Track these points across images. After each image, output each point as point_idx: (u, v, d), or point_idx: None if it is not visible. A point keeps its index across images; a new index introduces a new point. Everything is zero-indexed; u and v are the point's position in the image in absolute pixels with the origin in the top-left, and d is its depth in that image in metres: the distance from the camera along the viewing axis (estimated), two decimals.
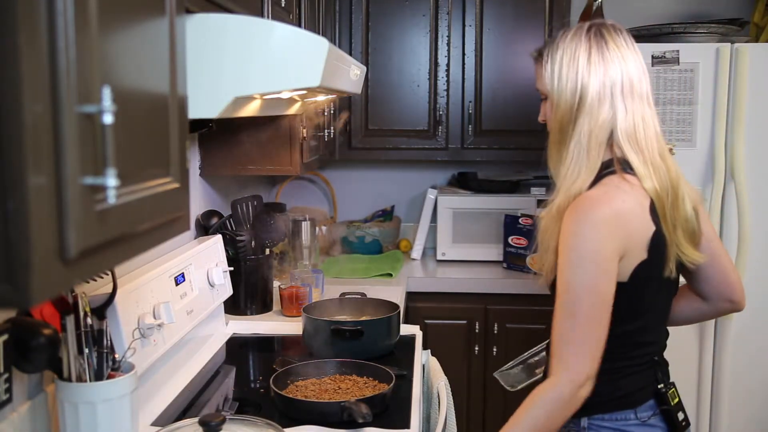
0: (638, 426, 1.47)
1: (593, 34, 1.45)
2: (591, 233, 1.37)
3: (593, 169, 1.43)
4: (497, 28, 3.19)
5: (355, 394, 1.69)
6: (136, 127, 0.87)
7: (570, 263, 1.38)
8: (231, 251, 2.38)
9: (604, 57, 1.43)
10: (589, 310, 1.36)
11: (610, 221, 1.37)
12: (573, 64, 1.43)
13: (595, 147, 1.43)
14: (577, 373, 1.36)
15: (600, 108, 1.42)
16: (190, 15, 1.19)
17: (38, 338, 1.23)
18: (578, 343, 1.36)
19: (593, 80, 1.42)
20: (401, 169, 3.61)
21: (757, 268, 2.70)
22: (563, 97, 1.45)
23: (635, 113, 1.43)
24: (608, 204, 1.39)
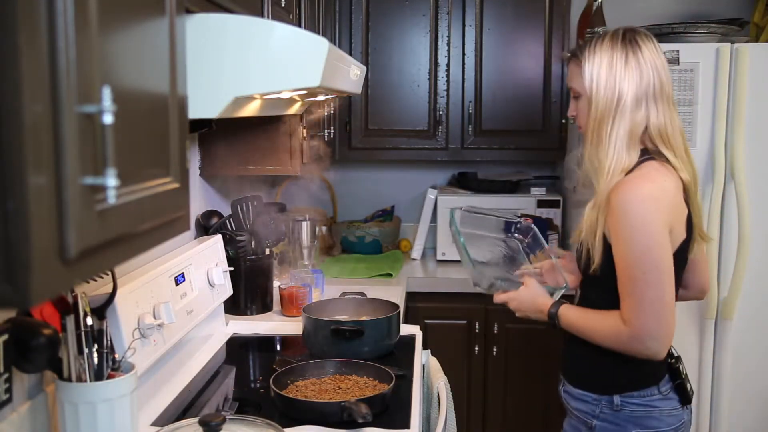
0: (661, 400, 1.63)
1: (628, 41, 1.58)
2: (639, 208, 1.50)
3: (632, 162, 1.57)
4: (497, 28, 3.19)
5: (355, 394, 1.69)
6: (136, 127, 0.87)
7: (624, 240, 1.52)
8: (231, 251, 2.38)
9: (639, 63, 1.57)
10: (652, 278, 1.50)
11: (656, 196, 1.52)
12: (612, 69, 1.57)
13: (634, 144, 1.58)
14: (638, 330, 1.52)
15: (637, 109, 1.56)
16: (190, 15, 1.19)
17: (38, 338, 1.23)
18: (642, 304, 1.51)
19: (630, 84, 1.56)
20: (401, 169, 3.61)
21: (757, 268, 2.70)
22: (602, 99, 1.58)
23: (665, 114, 1.58)
24: (651, 181, 1.53)
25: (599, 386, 1.66)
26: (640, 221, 1.50)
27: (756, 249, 2.67)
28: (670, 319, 1.54)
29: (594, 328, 1.61)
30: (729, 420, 2.78)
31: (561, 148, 3.26)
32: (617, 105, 1.56)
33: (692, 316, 2.76)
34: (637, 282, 1.51)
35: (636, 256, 1.51)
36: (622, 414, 1.63)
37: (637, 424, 1.62)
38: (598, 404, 1.65)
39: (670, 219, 1.54)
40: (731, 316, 2.71)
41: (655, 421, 1.62)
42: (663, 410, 1.63)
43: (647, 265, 1.50)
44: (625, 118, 1.56)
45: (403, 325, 2.17)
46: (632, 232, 1.51)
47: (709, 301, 2.70)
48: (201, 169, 2.47)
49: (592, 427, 1.66)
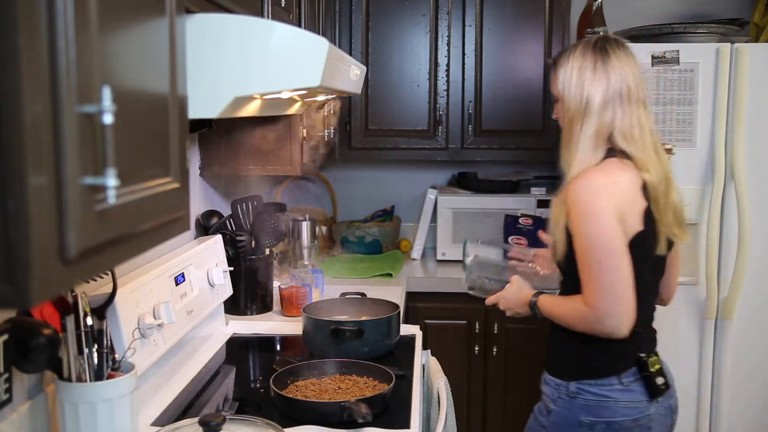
0: (621, 391, 1.68)
1: (599, 49, 1.71)
2: (588, 198, 1.63)
3: (597, 160, 1.69)
4: (497, 28, 3.19)
5: (355, 394, 1.69)
6: (136, 127, 0.87)
7: (577, 228, 1.64)
8: (231, 251, 2.38)
9: (606, 69, 1.69)
10: (605, 262, 1.60)
11: (605, 187, 1.63)
12: (581, 76, 1.70)
13: (600, 143, 1.69)
14: (598, 310, 1.61)
15: (603, 112, 1.68)
16: (190, 15, 1.19)
17: (38, 338, 1.23)
18: (598, 287, 1.61)
19: (598, 89, 1.68)
20: (401, 169, 3.61)
21: (757, 268, 2.70)
22: (573, 103, 1.71)
23: (632, 116, 1.69)
24: (605, 175, 1.66)
25: (561, 372, 1.74)
26: (589, 210, 1.62)
27: (756, 249, 2.68)
28: (626, 298, 1.61)
29: (563, 313, 1.71)
30: (729, 420, 2.78)
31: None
32: (586, 108, 1.69)
33: (692, 316, 2.76)
34: (593, 266, 1.61)
35: (589, 242, 1.62)
36: (576, 401, 1.70)
37: (588, 412, 1.68)
38: (558, 390, 1.73)
39: (620, 209, 1.63)
40: (731, 316, 2.71)
41: (608, 411, 1.67)
42: (619, 401, 1.68)
43: (600, 250, 1.61)
44: (592, 120, 1.68)
45: (403, 325, 2.17)
46: (583, 221, 1.63)
47: (709, 301, 2.70)
48: (201, 169, 2.47)
49: (549, 411, 1.75)
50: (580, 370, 1.70)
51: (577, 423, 1.69)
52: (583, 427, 1.69)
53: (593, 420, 1.68)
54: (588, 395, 1.69)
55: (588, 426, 1.68)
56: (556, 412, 1.73)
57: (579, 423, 1.69)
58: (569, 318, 1.69)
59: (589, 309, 1.62)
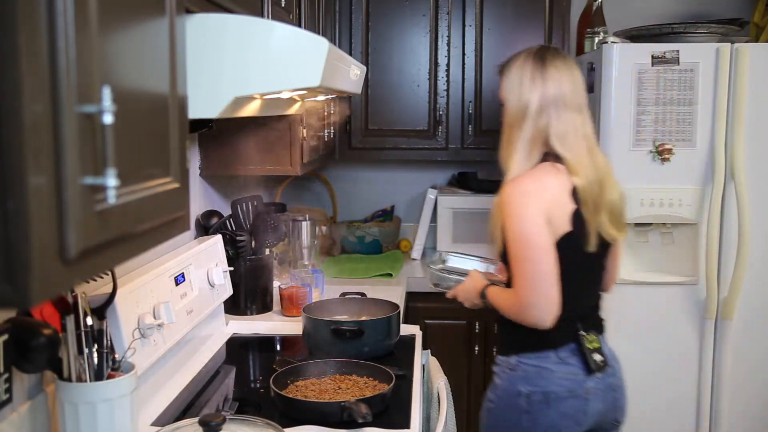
0: (557, 363, 1.80)
1: (538, 58, 1.83)
2: (517, 200, 1.76)
3: (533, 162, 1.81)
4: (497, 28, 3.19)
5: (355, 394, 1.69)
6: (136, 127, 0.87)
7: (507, 227, 1.77)
8: (231, 251, 2.38)
9: (544, 77, 1.80)
10: (528, 256, 1.73)
11: (536, 190, 1.76)
12: (520, 83, 1.82)
13: (536, 146, 1.81)
14: (522, 301, 1.75)
15: (539, 117, 1.79)
16: (190, 15, 1.19)
17: (38, 338, 1.23)
18: (522, 279, 1.75)
19: (534, 96, 1.80)
20: (401, 169, 3.61)
21: (757, 268, 2.70)
22: (512, 108, 1.84)
23: (567, 121, 1.80)
24: (535, 179, 1.78)
25: (506, 349, 1.87)
26: (518, 211, 1.75)
27: (756, 249, 2.67)
28: (548, 291, 1.73)
29: (500, 303, 1.86)
30: (729, 420, 2.78)
31: None
32: (523, 113, 1.81)
33: (692, 316, 2.76)
34: (519, 261, 1.75)
35: (515, 239, 1.75)
36: (515, 373, 1.82)
37: (527, 382, 1.80)
38: (502, 366, 1.86)
39: (548, 211, 1.75)
40: (731, 316, 2.71)
41: (544, 380, 1.79)
42: (555, 372, 1.80)
43: (525, 246, 1.74)
44: (528, 125, 1.80)
45: (403, 325, 2.17)
46: (512, 220, 1.76)
47: (709, 301, 2.70)
48: (201, 169, 2.47)
49: (496, 386, 1.87)
50: (520, 344, 1.83)
51: (516, 393, 1.81)
52: (521, 396, 1.80)
53: (531, 389, 1.79)
54: (526, 366, 1.81)
55: (526, 395, 1.80)
56: (499, 385, 1.85)
57: (518, 393, 1.80)
58: (504, 307, 1.83)
59: (517, 299, 1.76)
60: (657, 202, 2.70)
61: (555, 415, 1.79)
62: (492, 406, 1.86)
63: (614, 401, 1.89)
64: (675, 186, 2.69)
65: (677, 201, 2.69)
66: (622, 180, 2.72)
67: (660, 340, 2.77)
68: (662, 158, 2.68)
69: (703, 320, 2.75)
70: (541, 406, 1.79)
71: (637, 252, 2.81)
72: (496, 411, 1.86)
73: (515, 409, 1.81)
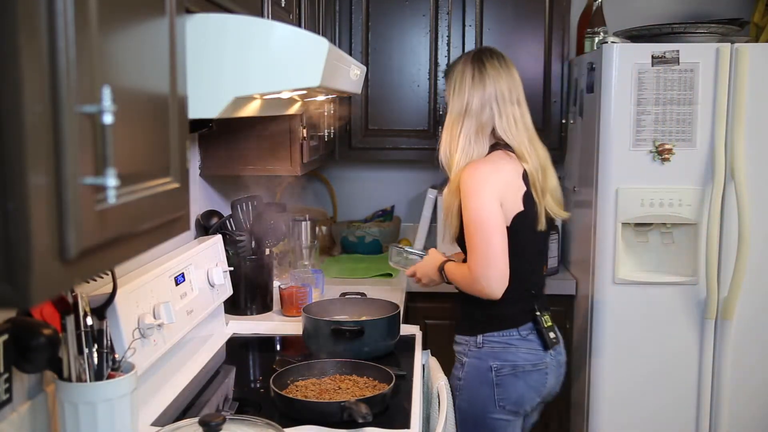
0: (519, 340, 2.02)
1: (476, 60, 2.06)
2: (472, 181, 1.95)
3: (481, 152, 2.03)
4: (497, 28, 3.19)
5: (355, 394, 1.69)
6: (136, 127, 0.87)
7: (464, 206, 1.96)
8: (231, 251, 2.38)
9: (483, 78, 2.03)
10: (481, 233, 1.93)
11: (491, 173, 1.97)
12: (462, 84, 2.05)
13: (481, 138, 2.03)
14: (475, 274, 1.94)
15: (482, 113, 2.02)
16: (190, 15, 1.19)
17: (38, 338, 1.23)
18: (475, 253, 1.94)
19: (476, 95, 2.03)
20: (401, 169, 3.61)
21: (757, 268, 2.70)
22: (456, 108, 2.05)
23: (509, 114, 2.03)
24: (489, 164, 2.00)
25: (468, 329, 2.06)
26: (473, 191, 1.94)
27: (756, 249, 2.67)
28: (499, 265, 1.93)
29: (456, 277, 2.05)
30: (729, 420, 2.78)
31: (561, 148, 3.26)
32: (465, 110, 2.03)
33: (692, 316, 2.76)
34: (473, 237, 1.94)
35: (471, 217, 1.94)
36: (483, 350, 2.02)
37: (496, 357, 2.01)
38: (468, 344, 2.05)
39: (501, 192, 1.96)
40: (731, 316, 2.71)
41: (511, 355, 2.01)
42: (520, 348, 2.02)
43: (478, 224, 1.93)
44: (472, 120, 2.02)
45: (403, 325, 2.17)
46: (467, 200, 1.95)
47: (709, 301, 2.70)
48: (201, 169, 2.47)
49: (463, 364, 2.05)
50: (484, 325, 2.03)
51: (487, 368, 2.01)
52: (492, 371, 2.00)
53: (501, 363, 2.00)
54: (493, 344, 2.02)
55: (496, 369, 2.00)
56: (468, 363, 2.04)
57: (489, 368, 2.01)
58: (460, 280, 2.02)
59: (470, 272, 1.95)
60: (657, 202, 2.70)
61: (522, 386, 2.01)
62: (462, 384, 2.04)
63: (561, 376, 2.14)
64: (675, 186, 2.69)
65: (677, 201, 2.69)
66: (622, 180, 2.73)
67: (660, 340, 2.77)
68: (662, 158, 2.68)
69: (703, 320, 2.75)
70: (510, 379, 2.00)
71: (637, 252, 2.81)
72: (467, 387, 2.03)
73: (486, 384, 2.00)
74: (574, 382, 3.03)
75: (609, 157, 2.72)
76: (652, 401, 2.80)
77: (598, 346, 2.80)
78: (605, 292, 2.77)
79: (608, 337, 2.79)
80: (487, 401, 2.00)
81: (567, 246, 3.28)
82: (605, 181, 2.73)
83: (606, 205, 2.74)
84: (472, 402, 2.02)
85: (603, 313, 2.78)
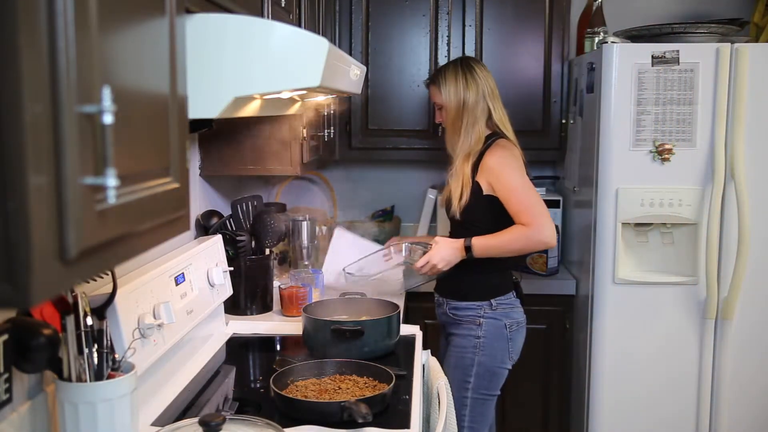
0: (515, 300, 2.46)
1: (465, 66, 2.43)
2: (509, 159, 2.35)
3: (480, 141, 2.39)
4: (497, 28, 3.19)
5: (355, 394, 1.69)
6: (136, 127, 0.87)
7: (508, 178, 2.33)
8: (231, 251, 2.38)
9: (474, 78, 2.40)
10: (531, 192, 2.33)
11: (513, 153, 2.38)
12: (457, 87, 2.40)
13: (479, 129, 2.40)
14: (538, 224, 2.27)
15: (476, 107, 2.40)
16: (190, 15, 1.19)
17: (38, 338, 1.23)
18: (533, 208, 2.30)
19: (470, 93, 2.40)
20: (401, 169, 3.61)
21: (757, 268, 2.70)
22: (454, 106, 2.41)
23: (499, 108, 2.44)
24: (508, 149, 2.39)
25: (479, 296, 2.40)
26: (513, 165, 2.34)
27: (756, 249, 2.67)
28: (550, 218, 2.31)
29: (506, 240, 2.31)
30: (729, 420, 2.78)
31: (561, 148, 3.26)
32: (464, 107, 2.39)
33: (692, 316, 2.76)
34: (526, 198, 2.30)
35: (519, 183, 2.32)
36: (498, 311, 2.40)
37: (507, 316, 2.41)
38: (481, 308, 2.40)
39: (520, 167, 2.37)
40: (731, 316, 2.71)
41: (515, 313, 2.43)
42: (516, 308, 2.44)
43: (527, 187, 2.33)
44: (468, 115, 2.39)
45: (403, 325, 2.17)
46: (511, 171, 2.33)
47: (709, 301, 2.71)
48: (201, 169, 2.47)
49: (480, 324, 2.39)
50: (493, 290, 2.40)
51: (503, 325, 2.39)
52: (506, 327, 2.40)
53: (511, 321, 2.41)
54: (504, 305, 2.41)
55: (509, 326, 2.40)
56: (486, 322, 2.39)
57: (504, 325, 2.40)
58: (511, 241, 2.30)
59: (530, 227, 2.26)
60: (657, 202, 2.70)
61: (521, 339, 2.46)
62: (482, 341, 2.38)
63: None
64: (675, 186, 2.69)
65: (677, 201, 2.69)
66: (622, 180, 2.73)
67: (660, 340, 2.77)
68: (662, 158, 2.68)
69: (703, 320, 2.75)
70: (516, 334, 2.43)
71: (637, 252, 2.81)
72: (488, 344, 2.38)
73: (502, 339, 2.40)
74: (574, 381, 3.03)
75: (609, 157, 2.72)
76: (652, 401, 2.80)
77: (598, 346, 2.80)
78: (605, 292, 2.77)
79: (608, 337, 2.79)
80: (503, 354, 2.40)
81: (567, 246, 3.28)
82: (605, 181, 2.73)
83: (606, 205, 2.74)
84: (492, 355, 2.38)
85: (603, 313, 2.79)
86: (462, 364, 2.40)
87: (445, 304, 2.48)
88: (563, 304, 3.07)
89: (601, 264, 2.78)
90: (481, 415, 2.42)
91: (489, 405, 2.44)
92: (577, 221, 3.12)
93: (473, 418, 2.40)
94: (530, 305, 2.96)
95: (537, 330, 2.97)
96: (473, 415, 2.40)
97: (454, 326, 2.45)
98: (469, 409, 2.39)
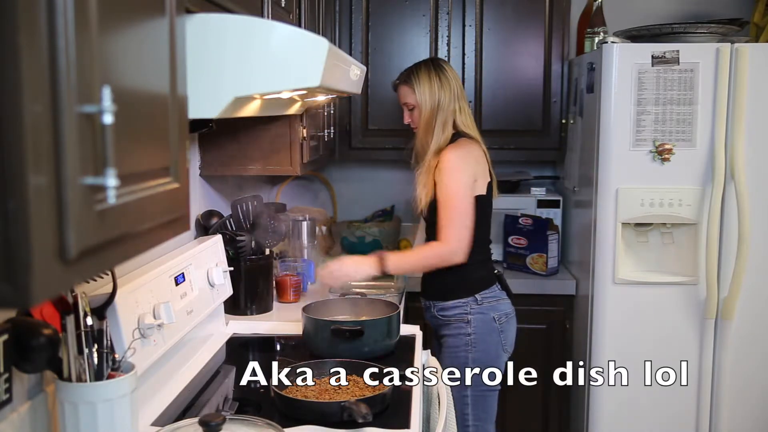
0: (500, 293, 2.46)
1: (437, 67, 2.46)
2: (451, 163, 2.35)
3: (447, 139, 2.41)
4: (497, 28, 3.19)
5: (355, 394, 1.69)
6: (136, 127, 0.87)
7: (447, 180, 2.34)
8: (231, 251, 2.38)
9: (447, 78, 2.45)
10: (458, 206, 2.32)
11: (463, 156, 2.37)
12: (432, 87, 2.43)
13: (448, 128, 2.43)
14: (450, 244, 2.33)
15: (449, 106, 2.43)
16: (190, 15, 1.19)
17: (38, 338, 1.23)
18: (451, 227, 2.32)
19: (444, 93, 2.43)
20: (401, 169, 3.60)
21: (757, 268, 2.70)
22: (428, 106, 2.43)
23: (465, 108, 2.49)
24: (462, 148, 2.39)
25: (463, 293, 2.41)
26: (451, 170, 2.34)
27: (756, 249, 2.67)
28: (468, 237, 2.34)
29: (418, 257, 2.44)
30: (729, 420, 2.78)
31: (561, 148, 3.26)
32: (438, 107, 2.42)
33: (692, 316, 2.76)
34: (450, 212, 2.32)
35: (449, 194, 2.32)
36: (484, 305, 2.41)
37: (493, 309, 2.42)
38: (467, 304, 2.41)
39: (474, 173, 2.37)
40: (731, 316, 2.71)
41: (502, 305, 2.44)
42: (502, 300, 2.45)
43: (458, 200, 2.32)
44: (442, 113, 2.42)
45: (403, 325, 2.17)
46: (449, 178, 2.33)
47: (709, 301, 2.71)
48: (201, 169, 2.47)
49: (468, 321, 2.40)
50: (476, 285, 2.41)
51: (491, 319, 2.40)
52: (495, 320, 2.41)
53: (498, 314, 2.41)
54: (489, 299, 2.42)
55: (497, 319, 2.41)
56: (473, 319, 2.39)
57: (492, 318, 2.40)
58: (425, 259, 2.39)
59: (442, 245, 2.32)
60: (657, 202, 2.70)
61: (512, 330, 2.47)
62: (474, 337, 2.38)
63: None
64: (675, 186, 2.69)
65: (677, 201, 2.70)
66: (622, 180, 2.73)
67: (660, 340, 2.77)
68: (662, 158, 2.69)
69: (703, 320, 2.75)
70: (507, 325, 2.44)
71: (637, 252, 2.81)
72: (480, 339, 2.39)
73: (494, 332, 2.40)
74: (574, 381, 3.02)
75: (609, 157, 2.72)
76: (652, 401, 2.80)
77: (598, 346, 2.80)
78: (605, 292, 2.77)
79: (608, 337, 2.79)
80: (497, 347, 2.41)
81: (567, 246, 3.28)
82: (605, 181, 2.73)
83: (606, 205, 2.74)
84: (485, 350, 2.39)
85: (603, 313, 2.79)
86: (457, 363, 2.39)
87: (432, 307, 2.49)
88: (563, 304, 3.07)
89: (601, 264, 2.78)
90: (484, 412, 2.43)
91: (491, 400, 2.45)
92: (577, 221, 3.12)
93: (477, 415, 2.40)
94: (530, 305, 2.97)
95: (537, 330, 2.98)
96: (476, 411, 2.40)
97: (444, 327, 2.45)
98: (471, 407, 2.39)
